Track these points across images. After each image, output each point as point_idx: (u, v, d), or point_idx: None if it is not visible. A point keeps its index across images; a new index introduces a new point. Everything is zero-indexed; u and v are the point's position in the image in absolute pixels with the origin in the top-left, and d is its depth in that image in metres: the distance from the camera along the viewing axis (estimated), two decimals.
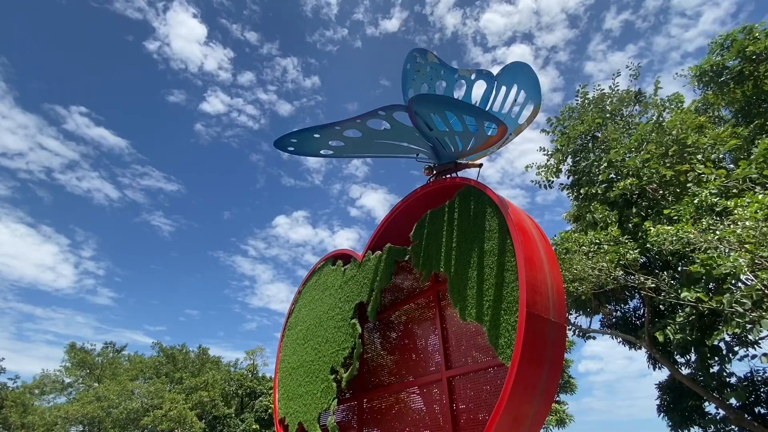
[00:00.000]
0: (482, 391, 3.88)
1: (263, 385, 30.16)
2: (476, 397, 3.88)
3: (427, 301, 4.85)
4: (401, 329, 5.11)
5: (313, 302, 6.06)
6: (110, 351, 30.93)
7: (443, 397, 4.08)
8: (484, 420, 3.74)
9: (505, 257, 3.41)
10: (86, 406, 22.41)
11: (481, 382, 3.91)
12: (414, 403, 4.60)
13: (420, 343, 4.88)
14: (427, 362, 4.60)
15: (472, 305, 3.52)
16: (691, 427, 10.69)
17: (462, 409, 3.92)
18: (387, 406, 5.03)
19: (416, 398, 4.51)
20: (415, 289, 5.06)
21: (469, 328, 4.27)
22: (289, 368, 5.84)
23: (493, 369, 3.77)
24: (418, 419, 4.42)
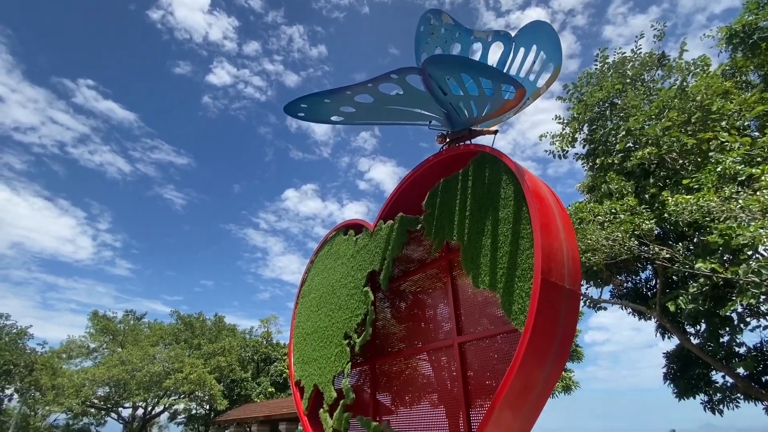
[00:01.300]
0: (492, 357, 3.95)
1: (278, 352, 31.35)
2: (486, 363, 3.96)
3: (438, 270, 4.86)
4: (412, 298, 5.17)
5: (325, 271, 6.15)
6: (131, 318, 32.26)
7: (454, 362, 4.16)
8: (494, 385, 3.83)
9: (521, 225, 3.37)
10: (111, 369, 23.65)
11: (491, 349, 3.98)
12: (425, 369, 4.72)
13: (431, 311, 4.94)
14: (437, 329, 4.67)
15: (485, 273, 3.52)
16: (696, 395, 10.87)
17: (472, 375, 4.01)
18: (398, 371, 5.17)
19: (427, 364, 4.61)
20: (426, 259, 5.07)
21: (480, 297, 4.29)
22: (303, 334, 6.01)
23: (504, 336, 3.82)
24: (428, 384, 4.55)
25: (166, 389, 24.27)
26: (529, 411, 3.26)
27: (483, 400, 3.84)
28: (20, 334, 32.67)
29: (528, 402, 3.20)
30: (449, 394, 4.24)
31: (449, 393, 4.24)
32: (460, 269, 4.63)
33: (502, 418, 3.08)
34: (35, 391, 28.51)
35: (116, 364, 24.15)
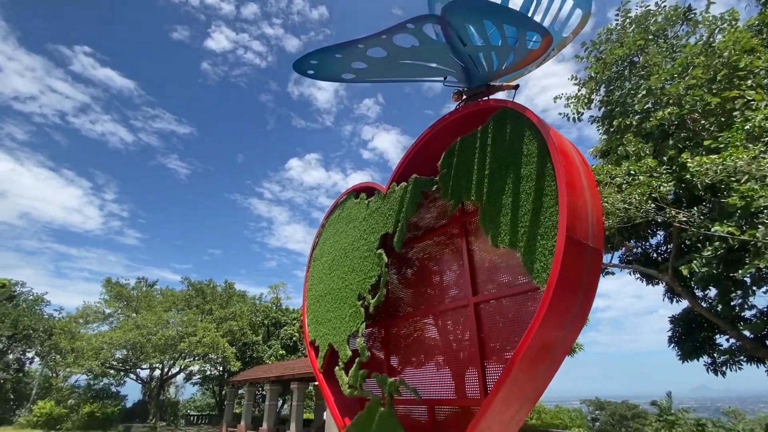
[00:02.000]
0: (508, 317, 3.95)
1: (287, 316, 32.24)
2: (502, 323, 3.96)
3: (453, 233, 4.80)
4: (425, 260, 5.14)
5: (337, 235, 6.12)
6: (143, 285, 33.09)
7: (469, 322, 4.18)
8: (510, 345, 3.85)
9: (544, 181, 3.25)
10: (127, 333, 24.51)
11: (507, 309, 3.97)
12: (438, 330, 4.76)
13: (444, 273, 4.92)
14: (451, 291, 4.66)
15: (505, 232, 3.44)
16: (700, 357, 11.08)
17: (488, 335, 4.02)
18: (411, 332, 5.23)
19: (440, 325, 4.64)
20: (440, 222, 5.00)
21: (497, 258, 4.25)
22: (316, 296, 6.06)
23: (522, 295, 3.79)
24: (442, 344, 4.59)
25: (181, 352, 25.22)
26: (546, 370, 3.28)
27: (498, 360, 3.88)
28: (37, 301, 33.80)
29: (546, 360, 3.21)
30: (463, 354, 4.28)
31: (463, 353, 4.28)
32: (475, 231, 4.57)
33: (519, 376, 3.09)
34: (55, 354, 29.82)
35: (132, 328, 25.00)
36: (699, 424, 17.84)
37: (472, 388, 4.01)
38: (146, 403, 31.28)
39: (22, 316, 30.74)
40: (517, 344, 3.70)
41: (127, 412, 31.29)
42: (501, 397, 3.08)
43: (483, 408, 3.14)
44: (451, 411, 4.13)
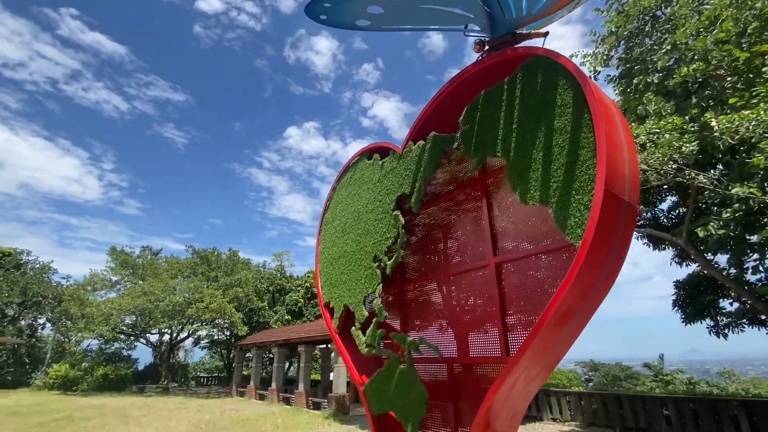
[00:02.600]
0: (531, 277, 3.87)
1: (291, 283, 32.74)
2: (524, 283, 3.89)
3: (473, 193, 4.65)
4: (443, 222, 5.03)
5: (349, 198, 5.98)
6: (148, 254, 33.36)
7: (490, 283, 4.11)
8: (532, 305, 3.80)
9: (581, 133, 3.06)
10: (135, 300, 24.95)
11: (531, 269, 3.89)
12: (457, 290, 4.71)
13: (464, 234, 4.81)
14: (471, 252, 4.57)
15: (535, 188, 3.29)
16: (703, 320, 11.25)
17: (509, 294, 3.96)
18: (428, 293, 5.20)
19: (460, 286, 4.59)
20: (460, 182, 4.83)
21: (518, 218, 4.13)
22: (329, 259, 6.01)
23: (547, 254, 3.70)
24: (461, 305, 4.56)
25: (189, 317, 25.78)
26: (573, 329, 3.23)
27: (520, 320, 3.84)
28: (44, 269, 34.23)
29: (574, 319, 3.15)
30: (482, 314, 4.25)
31: (482, 314, 4.25)
32: (496, 190, 4.42)
33: (547, 334, 3.04)
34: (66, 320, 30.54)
35: (139, 294, 25.42)
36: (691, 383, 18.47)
37: (493, 347, 4.00)
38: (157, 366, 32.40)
39: (30, 283, 31.22)
40: (540, 303, 3.66)
41: (140, 374, 32.48)
42: (528, 355, 3.05)
43: (510, 365, 3.11)
44: (471, 370, 4.15)
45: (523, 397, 3.46)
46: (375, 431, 4.35)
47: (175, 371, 34.29)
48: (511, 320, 3.89)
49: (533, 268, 3.88)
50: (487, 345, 4.08)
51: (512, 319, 3.88)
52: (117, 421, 14.13)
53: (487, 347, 4.05)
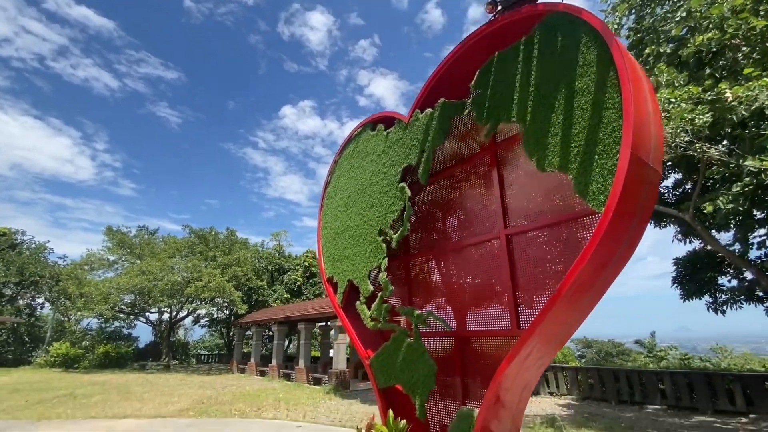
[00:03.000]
0: (543, 249, 3.76)
1: (290, 263, 32.78)
2: (537, 255, 3.77)
3: (483, 163, 4.47)
4: (451, 193, 4.87)
5: (352, 171, 5.79)
6: (145, 233, 33.13)
7: (500, 255, 3.99)
8: (545, 276, 3.69)
9: (605, 94, 2.86)
10: (134, 279, 24.89)
11: (543, 241, 3.76)
12: (466, 263, 4.59)
13: (473, 207, 4.66)
14: (480, 224, 4.43)
15: (554, 154, 3.12)
16: (702, 297, 11.33)
17: (520, 268, 3.85)
18: (435, 267, 5.09)
19: (469, 258, 4.47)
20: (468, 152, 4.65)
21: (531, 188, 3.97)
22: (332, 234, 5.87)
23: (561, 225, 3.56)
24: (470, 278, 4.45)
25: (188, 296, 25.83)
26: (590, 299, 3.12)
27: (531, 292, 3.74)
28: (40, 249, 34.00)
29: (592, 289, 3.04)
30: (492, 287, 4.14)
31: (492, 286, 4.15)
32: (508, 159, 4.24)
33: (562, 309, 2.93)
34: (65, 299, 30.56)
35: (137, 274, 25.34)
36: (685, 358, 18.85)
37: (502, 321, 3.91)
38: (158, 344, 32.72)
39: (27, 263, 31.06)
40: (554, 276, 3.54)
41: (140, 352, 32.81)
42: (543, 328, 2.95)
43: (524, 337, 3.02)
44: (479, 343, 4.08)
45: (535, 369, 3.39)
46: (381, 404, 4.31)
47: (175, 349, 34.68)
48: (523, 294, 3.79)
49: (546, 240, 3.75)
50: (496, 319, 3.99)
51: (523, 293, 3.78)
52: (119, 397, 14.27)
53: (496, 321, 3.97)
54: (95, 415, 10.94)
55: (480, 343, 4.09)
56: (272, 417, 10.62)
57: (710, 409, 10.46)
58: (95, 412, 11.43)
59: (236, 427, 9.33)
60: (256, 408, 11.89)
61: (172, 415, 10.97)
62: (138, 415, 11.00)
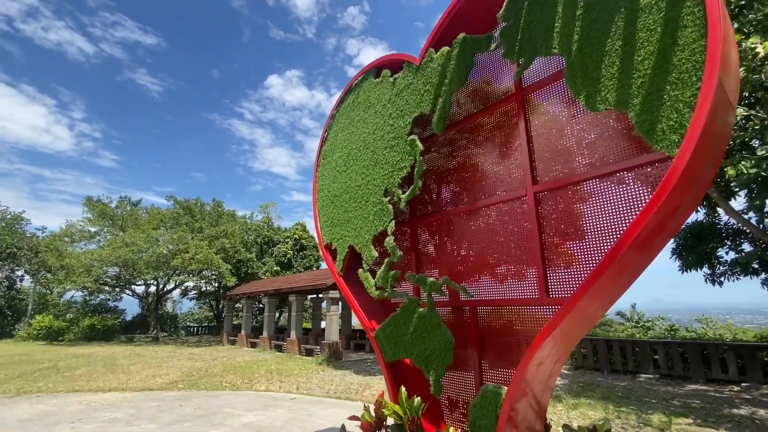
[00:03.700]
0: (577, 208, 3.28)
1: (279, 235, 32.19)
2: (570, 215, 3.30)
3: (506, 111, 3.91)
4: (467, 147, 4.32)
5: (351, 125, 5.17)
6: (127, 204, 31.95)
7: (527, 216, 3.52)
8: (577, 239, 3.24)
9: (681, 9, 2.30)
10: (117, 251, 24.06)
11: (577, 198, 3.29)
12: (484, 226, 4.11)
13: (494, 162, 4.13)
14: (504, 181, 3.92)
15: (609, 88, 2.58)
16: (701, 268, 11.25)
17: (551, 229, 3.38)
18: (448, 230, 4.61)
19: (488, 220, 3.98)
20: (489, 98, 4.07)
21: (563, 139, 3.45)
22: (330, 196, 5.32)
23: (602, 180, 3.07)
24: (488, 242, 3.98)
25: (175, 268, 25.18)
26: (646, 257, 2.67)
27: (563, 259, 3.29)
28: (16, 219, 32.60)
29: (645, 252, 2.58)
30: (516, 254, 3.69)
31: (516, 253, 3.69)
32: (537, 106, 3.69)
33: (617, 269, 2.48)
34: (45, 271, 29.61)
35: (121, 245, 24.49)
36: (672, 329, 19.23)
37: (527, 288, 3.48)
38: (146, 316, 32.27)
39: (2, 234, 29.81)
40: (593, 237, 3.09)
41: (127, 324, 32.35)
42: (593, 292, 2.51)
43: (570, 304, 2.57)
44: (500, 313, 3.66)
45: (574, 338, 2.99)
46: (389, 379, 3.92)
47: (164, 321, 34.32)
48: (553, 258, 3.34)
49: (582, 197, 3.27)
50: (520, 287, 3.56)
51: (554, 257, 3.34)
52: (104, 369, 13.87)
53: (520, 289, 3.53)
54: (79, 389, 10.53)
55: (500, 314, 3.67)
56: (265, 389, 10.36)
57: (702, 378, 10.56)
58: (79, 385, 11.01)
59: (227, 400, 9.03)
60: (247, 380, 11.63)
61: (161, 387, 10.62)
62: (124, 388, 10.62)
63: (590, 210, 3.15)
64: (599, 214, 3.05)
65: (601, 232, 2.98)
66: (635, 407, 8.09)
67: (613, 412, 7.71)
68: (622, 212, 2.84)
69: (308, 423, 7.03)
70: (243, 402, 8.83)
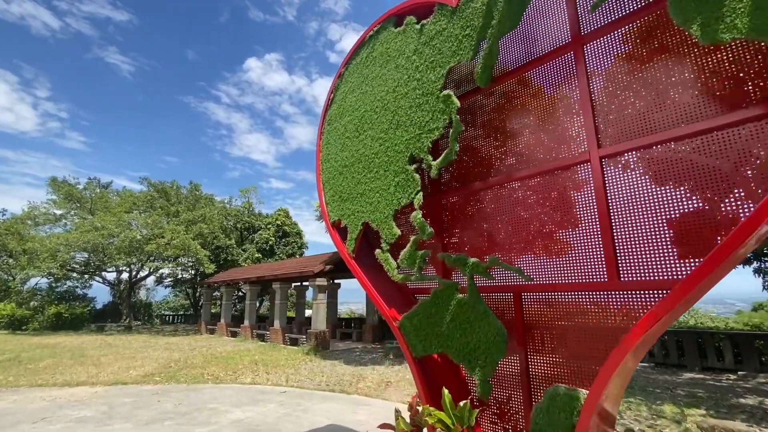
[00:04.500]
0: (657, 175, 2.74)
1: (261, 221, 31.03)
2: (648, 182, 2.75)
3: (563, 61, 3.31)
4: (513, 105, 3.70)
5: (365, 83, 4.47)
6: (96, 186, 30.03)
7: (589, 186, 2.95)
8: (655, 212, 2.70)
9: None
10: (86, 235, 22.53)
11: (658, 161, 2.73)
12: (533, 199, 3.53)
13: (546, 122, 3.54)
14: (559, 145, 3.33)
15: (740, 12, 2.00)
16: None
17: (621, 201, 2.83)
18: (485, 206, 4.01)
19: (537, 190, 3.40)
20: (542, 46, 3.45)
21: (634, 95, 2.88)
22: (338, 167, 4.63)
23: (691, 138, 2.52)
24: (536, 216, 3.40)
25: (149, 254, 23.85)
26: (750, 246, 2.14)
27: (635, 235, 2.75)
28: None
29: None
30: (576, 230, 3.12)
31: (576, 229, 3.13)
32: (600, 55, 3.10)
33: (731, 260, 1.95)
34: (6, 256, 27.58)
35: (89, 229, 22.95)
36: None
37: (590, 270, 2.93)
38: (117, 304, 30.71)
39: None
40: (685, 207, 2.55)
41: (98, 313, 30.72)
42: (720, 269, 1.96)
43: (688, 284, 2.02)
44: (554, 299, 3.11)
45: (668, 324, 2.45)
46: (420, 379, 3.32)
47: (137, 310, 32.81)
48: (623, 235, 2.79)
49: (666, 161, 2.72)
50: (579, 268, 3.01)
51: (624, 234, 2.79)
52: (72, 361, 12.83)
53: (581, 272, 2.98)
54: (43, 383, 9.55)
55: (554, 300, 3.11)
56: (251, 381, 9.67)
57: (698, 366, 10.53)
58: (43, 379, 10.02)
59: (211, 394, 8.31)
60: (231, 372, 10.89)
61: (135, 381, 9.77)
62: (94, 381, 9.71)
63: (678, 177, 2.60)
64: (680, 185, 2.50)
65: (689, 203, 2.44)
66: (642, 398, 7.85)
67: (622, 403, 7.44)
68: (715, 182, 2.29)
69: (304, 420, 6.42)
70: (229, 396, 8.13)
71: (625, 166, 2.89)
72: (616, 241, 2.80)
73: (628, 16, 2.86)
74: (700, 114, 2.48)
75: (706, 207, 2.37)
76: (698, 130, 2.44)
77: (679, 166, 2.55)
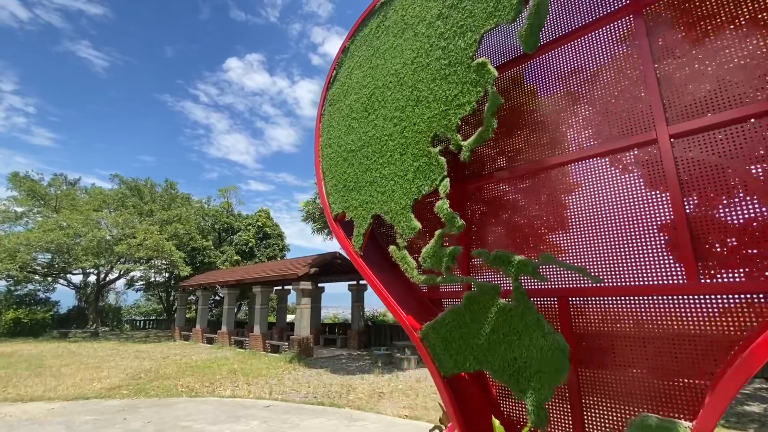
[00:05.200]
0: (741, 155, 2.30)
1: (240, 222, 29.85)
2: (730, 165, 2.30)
3: (622, 27, 2.85)
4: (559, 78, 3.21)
5: (376, 56, 3.91)
6: (62, 182, 28.21)
7: (663, 167, 2.48)
8: (733, 200, 2.26)
9: None
10: (49, 234, 20.95)
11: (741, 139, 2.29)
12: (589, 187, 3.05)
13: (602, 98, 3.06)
14: (618, 123, 2.85)
15: None
16: None
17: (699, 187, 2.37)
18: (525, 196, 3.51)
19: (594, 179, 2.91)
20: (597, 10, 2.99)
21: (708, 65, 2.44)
22: (342, 153, 4.03)
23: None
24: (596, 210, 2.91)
25: (120, 255, 22.41)
26: None
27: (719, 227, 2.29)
28: None
29: None
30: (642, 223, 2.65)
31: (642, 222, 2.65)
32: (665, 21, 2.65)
33: None
34: None
35: (53, 228, 21.37)
36: None
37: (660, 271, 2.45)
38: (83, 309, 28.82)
39: None
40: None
41: (62, 318, 28.70)
42: None
43: None
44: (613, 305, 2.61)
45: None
46: (450, 401, 2.74)
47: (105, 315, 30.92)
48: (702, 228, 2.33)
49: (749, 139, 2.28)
50: (644, 268, 2.52)
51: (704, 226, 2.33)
52: (29, 372, 11.61)
53: (650, 273, 2.50)
54: None
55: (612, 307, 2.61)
56: (230, 394, 8.85)
57: None
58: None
59: (186, 409, 7.48)
60: (208, 383, 10.01)
61: (99, 395, 8.79)
62: (52, 396, 8.68)
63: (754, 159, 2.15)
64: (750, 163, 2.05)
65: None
66: None
67: None
68: None
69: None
70: (205, 412, 7.32)
71: (701, 148, 2.43)
72: (694, 237, 2.33)
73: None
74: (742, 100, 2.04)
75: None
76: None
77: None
